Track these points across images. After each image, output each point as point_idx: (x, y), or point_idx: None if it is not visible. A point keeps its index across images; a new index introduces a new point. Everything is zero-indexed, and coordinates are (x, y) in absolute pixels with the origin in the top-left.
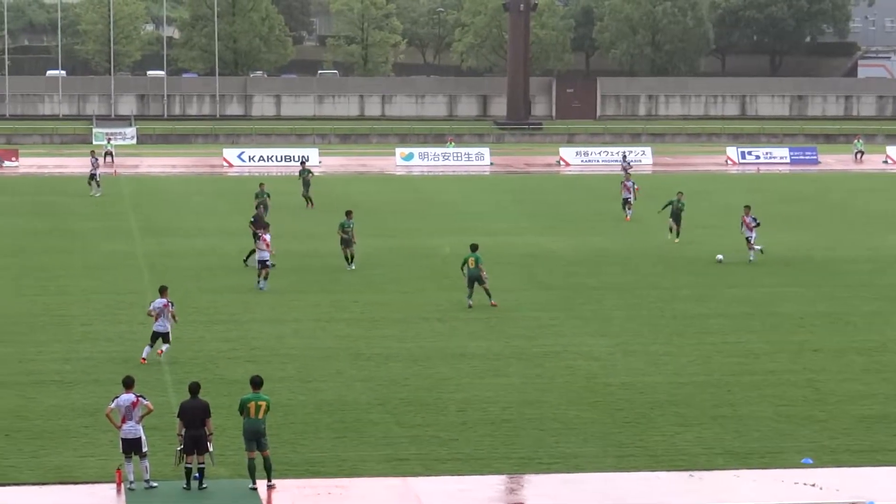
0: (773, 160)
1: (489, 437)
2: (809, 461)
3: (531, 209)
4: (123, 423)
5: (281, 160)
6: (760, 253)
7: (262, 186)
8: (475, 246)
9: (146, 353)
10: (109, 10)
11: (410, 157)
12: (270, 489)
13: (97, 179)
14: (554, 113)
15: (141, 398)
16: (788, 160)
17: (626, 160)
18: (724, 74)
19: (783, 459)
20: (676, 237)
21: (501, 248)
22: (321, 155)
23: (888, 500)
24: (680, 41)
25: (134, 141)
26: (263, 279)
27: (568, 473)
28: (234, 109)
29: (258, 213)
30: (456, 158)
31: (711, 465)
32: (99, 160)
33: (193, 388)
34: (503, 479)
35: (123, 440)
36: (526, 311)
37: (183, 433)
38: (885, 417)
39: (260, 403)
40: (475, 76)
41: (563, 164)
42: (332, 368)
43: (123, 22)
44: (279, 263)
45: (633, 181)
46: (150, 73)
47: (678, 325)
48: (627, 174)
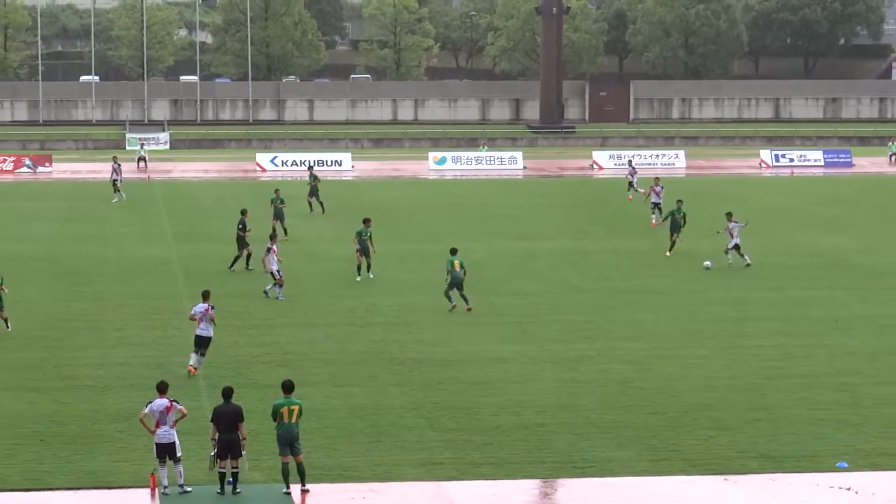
0: (807, 163)
1: (523, 441)
2: (845, 465)
3: (564, 213)
4: (157, 427)
5: (314, 165)
6: (747, 265)
7: (276, 192)
8: (455, 250)
9: (193, 360)
10: (142, 15)
11: (443, 161)
12: (304, 494)
13: (118, 186)
14: (587, 116)
15: (175, 403)
16: (822, 163)
17: (631, 165)
18: (757, 77)
19: (818, 463)
20: (669, 250)
21: (534, 251)
22: (354, 159)
23: None
24: (713, 44)
25: (167, 146)
26: (278, 287)
27: (602, 477)
28: (266, 114)
29: (244, 219)
30: (489, 162)
31: (746, 468)
32: (122, 166)
33: (226, 392)
34: (537, 483)
35: (157, 445)
36: (559, 314)
37: (216, 437)
38: None
39: (292, 408)
40: (508, 80)
41: (596, 167)
42: (365, 373)
43: (156, 27)
44: (307, 267)
45: (661, 185)
46: (183, 78)
47: (712, 328)
48: (632, 178)
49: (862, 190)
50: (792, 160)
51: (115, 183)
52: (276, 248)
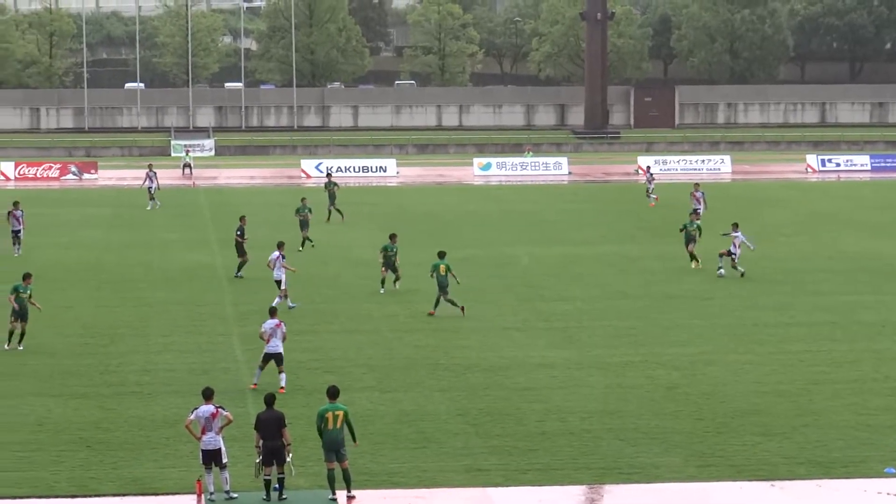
0: (853, 167)
1: (569, 447)
2: (893, 471)
3: (609, 218)
4: (203, 434)
5: (359, 171)
6: (740, 276)
7: (304, 201)
8: (443, 253)
9: (257, 377)
10: (187, 22)
11: (488, 166)
12: (350, 500)
13: (153, 193)
14: (632, 122)
15: (220, 409)
16: (869, 167)
17: (649, 172)
18: (803, 82)
19: (866, 469)
20: (694, 262)
21: (579, 257)
22: (399, 165)
23: None
24: (759, 49)
25: (212, 153)
26: (281, 298)
27: (648, 483)
28: (311, 120)
29: (243, 226)
30: (534, 168)
31: (793, 474)
32: (157, 173)
33: (269, 399)
34: (583, 489)
35: (203, 451)
36: (605, 320)
37: (260, 445)
38: None
39: (337, 413)
40: (553, 85)
41: (641, 172)
42: (411, 379)
43: (201, 34)
44: (351, 273)
45: (701, 190)
46: (227, 84)
47: (759, 333)
48: (650, 184)
49: None
50: (838, 165)
51: (149, 190)
52: (284, 256)
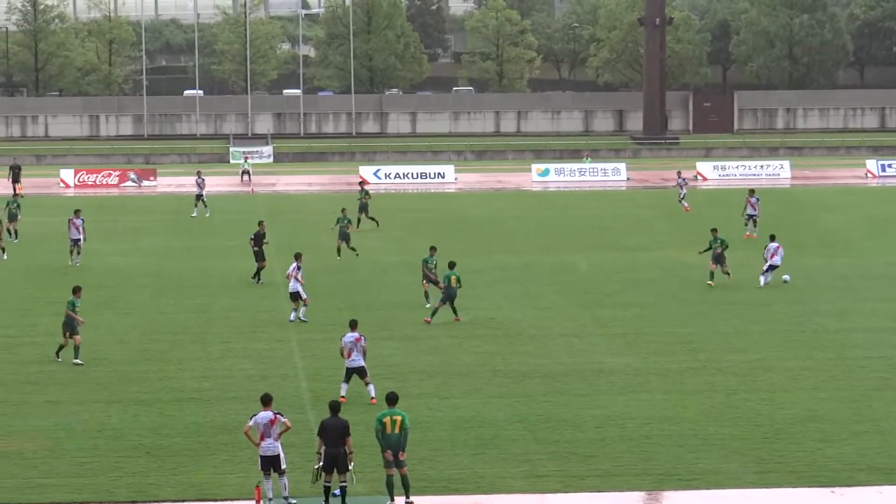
0: None
1: (628, 453)
2: None
3: (668, 224)
4: (262, 440)
5: (417, 177)
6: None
7: (343, 212)
8: (453, 264)
9: (344, 390)
10: (246, 29)
11: (546, 172)
12: None
13: (203, 200)
14: (691, 127)
15: (279, 415)
16: None
17: (680, 176)
18: (863, 86)
19: None
20: (727, 275)
21: (638, 262)
22: (457, 171)
23: None
24: (818, 53)
25: (271, 159)
26: (301, 308)
27: (707, 490)
28: (369, 127)
29: (261, 230)
30: (592, 174)
31: (853, 481)
32: (206, 180)
33: (334, 406)
34: (642, 495)
35: (262, 457)
36: (664, 326)
37: (322, 451)
38: None
39: (395, 418)
40: (611, 91)
41: (700, 178)
42: (469, 385)
43: (260, 41)
44: (409, 279)
45: (756, 196)
46: (286, 91)
47: (818, 339)
48: (682, 189)
49: None
50: None
51: (198, 197)
52: (300, 268)
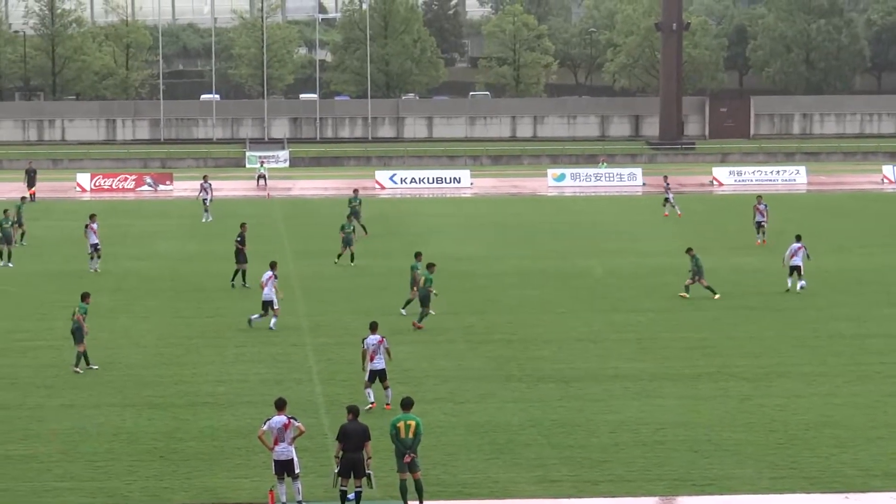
0: None
1: (641, 458)
2: None
3: (684, 229)
4: (276, 444)
5: (433, 182)
6: (787, 289)
7: (349, 219)
8: (429, 265)
9: (370, 396)
10: (263, 34)
11: (562, 177)
12: None
13: (207, 206)
14: (707, 132)
15: (293, 420)
16: None
17: (666, 181)
18: (880, 92)
19: None
20: (714, 294)
21: (654, 268)
22: (473, 176)
23: None
24: (835, 59)
25: (287, 164)
26: (271, 317)
27: (721, 495)
28: (386, 132)
29: (243, 233)
30: (608, 179)
31: (868, 487)
32: (212, 185)
33: (354, 410)
34: (656, 500)
35: (276, 462)
36: (679, 331)
37: (340, 455)
38: None
39: (409, 423)
40: (627, 96)
41: (716, 183)
42: (483, 390)
43: (276, 46)
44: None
45: (765, 203)
46: (302, 96)
47: (834, 345)
48: (668, 193)
49: None
50: None
51: (204, 202)
52: (276, 276)
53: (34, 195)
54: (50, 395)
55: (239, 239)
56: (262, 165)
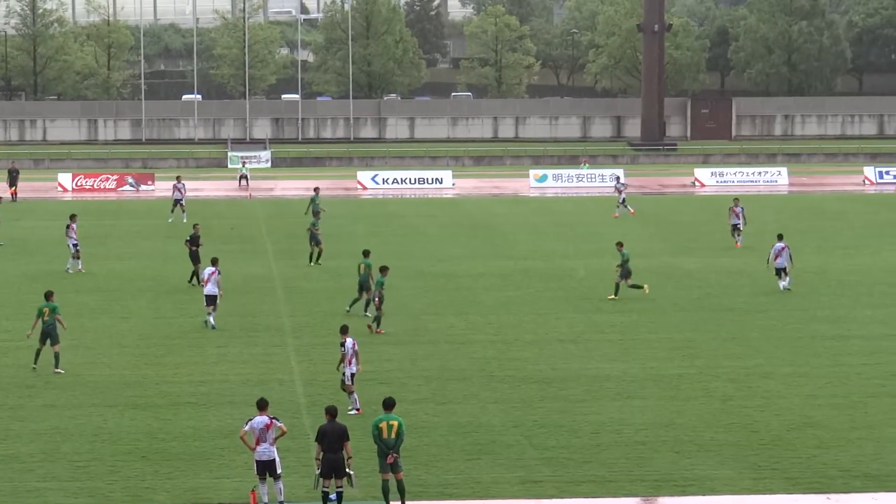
0: None
1: (623, 458)
2: None
3: (666, 230)
4: (258, 445)
5: (415, 182)
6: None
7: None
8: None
9: (356, 402)
10: (245, 34)
11: (544, 178)
12: None
13: (182, 205)
14: (689, 133)
15: (275, 420)
16: None
17: (619, 182)
18: (861, 93)
19: None
20: (639, 287)
21: (636, 269)
22: (455, 177)
23: None
24: (816, 60)
25: (268, 164)
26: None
27: (703, 496)
28: (367, 132)
29: (196, 232)
30: (590, 180)
31: (849, 487)
32: (185, 185)
33: (332, 411)
34: (638, 501)
35: (258, 462)
36: (661, 332)
37: (321, 457)
38: None
39: (392, 423)
40: (609, 97)
41: (698, 184)
42: (466, 390)
43: (258, 46)
44: (408, 284)
45: (741, 205)
46: (284, 96)
47: (815, 346)
48: (621, 195)
49: None
50: None
51: (178, 202)
52: (219, 272)
53: (15, 195)
54: (31, 395)
55: (190, 240)
56: (244, 166)
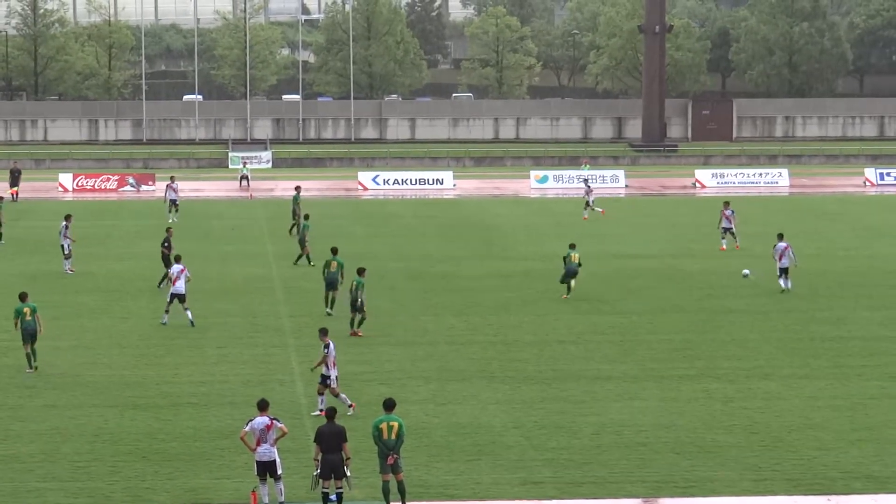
0: None
1: (624, 460)
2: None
3: (666, 231)
4: (258, 445)
5: (415, 183)
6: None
7: (306, 218)
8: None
9: (322, 403)
10: (246, 35)
11: (545, 179)
12: None
13: (176, 205)
14: (689, 135)
15: (275, 421)
16: None
17: (587, 185)
18: (862, 95)
19: None
20: (567, 292)
21: (636, 270)
22: (456, 178)
23: None
24: (817, 62)
25: (269, 165)
26: (167, 313)
27: (704, 497)
28: (368, 133)
29: (169, 237)
30: (591, 181)
31: (849, 489)
32: (179, 185)
33: (330, 412)
34: (638, 502)
35: (258, 463)
36: (661, 333)
37: (319, 458)
38: None
39: (392, 424)
40: (610, 98)
41: (698, 186)
42: (466, 391)
43: (259, 47)
44: (409, 285)
45: (731, 209)
46: (285, 97)
47: (815, 348)
48: (589, 197)
49: None
50: None
51: (173, 202)
52: (183, 269)
53: (17, 195)
54: (31, 395)
55: (165, 244)
56: (244, 166)
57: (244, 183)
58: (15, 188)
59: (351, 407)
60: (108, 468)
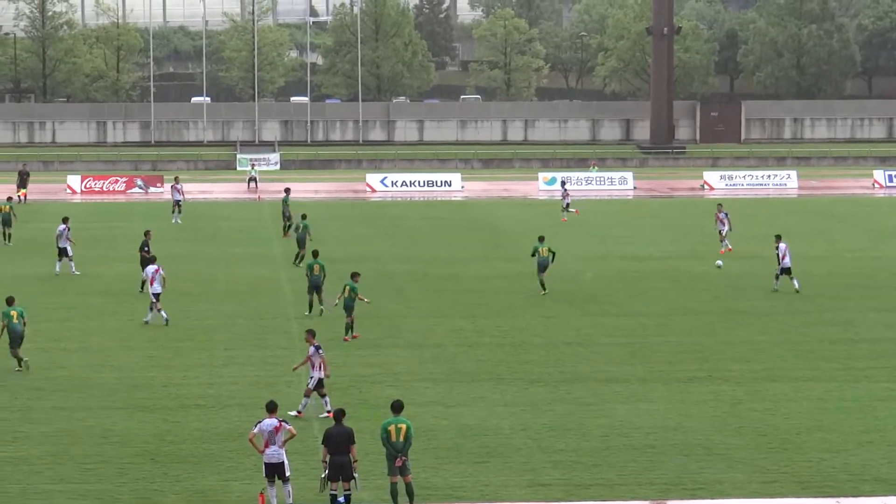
0: None
1: (632, 462)
2: None
3: (675, 234)
4: (266, 447)
5: (423, 185)
6: (795, 291)
7: (304, 218)
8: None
9: (304, 406)
10: (254, 37)
11: (553, 181)
12: None
13: (179, 206)
14: (698, 136)
15: (284, 423)
16: None
17: (564, 187)
18: (870, 97)
19: None
20: (543, 289)
21: (644, 272)
22: (464, 179)
23: None
24: (825, 64)
25: (277, 167)
26: (152, 310)
27: (712, 500)
28: (376, 135)
29: (147, 240)
30: (599, 183)
31: (858, 491)
32: (183, 186)
33: (338, 414)
34: None
35: (266, 465)
36: (669, 335)
37: (327, 460)
38: None
39: (400, 426)
40: (618, 100)
41: (707, 187)
42: (474, 393)
43: (267, 49)
44: (416, 286)
45: (725, 211)
46: (293, 99)
47: (823, 350)
48: (565, 199)
49: None
50: None
51: (176, 203)
52: (160, 270)
53: (25, 197)
54: (40, 397)
55: (145, 248)
56: (252, 168)
57: (252, 185)
58: (23, 190)
59: (298, 415)
60: (116, 470)
